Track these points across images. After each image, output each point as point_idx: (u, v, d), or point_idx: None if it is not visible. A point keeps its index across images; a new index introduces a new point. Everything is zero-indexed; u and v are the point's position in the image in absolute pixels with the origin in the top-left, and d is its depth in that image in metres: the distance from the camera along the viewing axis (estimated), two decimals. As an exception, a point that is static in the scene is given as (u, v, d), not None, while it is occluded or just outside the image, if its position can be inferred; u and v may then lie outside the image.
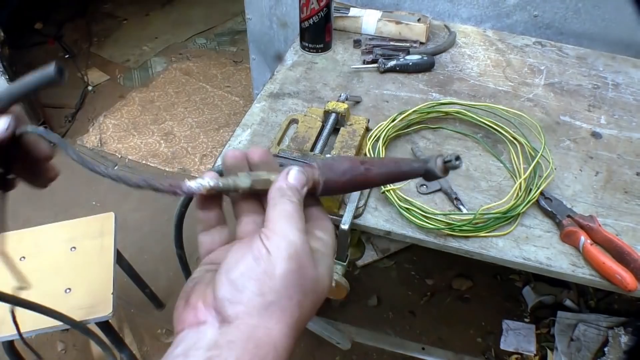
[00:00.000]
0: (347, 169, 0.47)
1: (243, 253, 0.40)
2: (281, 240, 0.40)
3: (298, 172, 0.45)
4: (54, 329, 1.40)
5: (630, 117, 1.21)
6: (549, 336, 1.82)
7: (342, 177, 0.47)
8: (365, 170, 0.47)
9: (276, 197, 0.43)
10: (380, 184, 0.51)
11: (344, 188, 0.48)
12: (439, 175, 0.46)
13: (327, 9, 1.29)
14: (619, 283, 0.85)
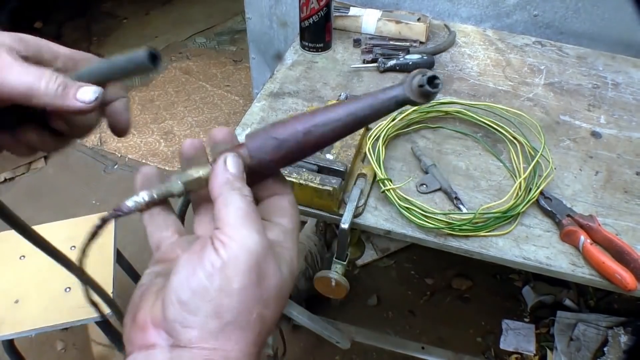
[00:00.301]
0: (281, 142, 0.40)
1: (194, 267, 0.35)
2: (239, 249, 0.34)
3: (234, 157, 0.40)
4: (53, 328, 1.40)
5: (630, 116, 1.21)
6: (548, 336, 1.82)
7: (278, 153, 0.40)
8: (305, 134, 0.39)
9: (224, 192, 0.38)
10: (334, 142, 0.44)
11: (286, 161, 0.41)
12: (417, 101, 0.37)
13: (327, 8, 1.29)
14: (618, 283, 0.85)
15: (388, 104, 0.38)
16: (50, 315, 1.38)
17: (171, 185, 0.42)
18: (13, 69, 0.40)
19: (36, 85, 0.40)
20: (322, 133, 0.39)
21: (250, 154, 0.41)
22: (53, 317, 1.38)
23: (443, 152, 1.09)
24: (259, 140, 0.41)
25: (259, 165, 0.41)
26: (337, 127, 0.39)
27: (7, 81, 0.39)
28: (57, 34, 3.44)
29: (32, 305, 1.40)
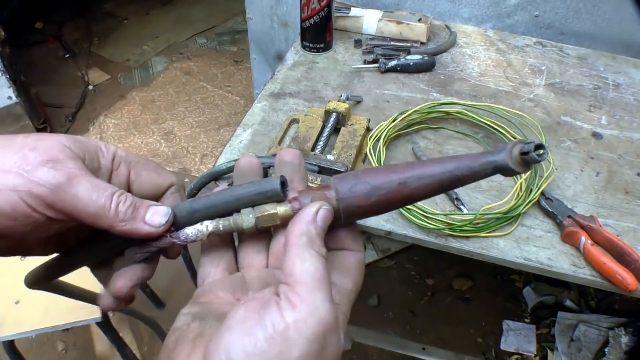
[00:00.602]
0: (373, 189, 0.38)
1: (251, 326, 0.31)
2: (309, 314, 0.31)
3: (327, 212, 0.37)
4: (54, 329, 1.40)
5: (631, 117, 1.21)
6: (549, 336, 1.82)
7: (367, 200, 0.38)
8: (400, 185, 0.37)
9: (302, 246, 0.34)
10: (425, 198, 0.39)
11: (372, 211, 0.39)
12: (518, 171, 0.36)
13: (327, 8, 1.29)
14: (619, 283, 0.85)
15: (486, 169, 0.37)
16: (50, 316, 1.38)
17: (242, 219, 0.39)
18: (82, 185, 0.36)
19: (107, 205, 0.37)
20: (417, 187, 0.37)
21: (338, 196, 0.38)
22: (54, 317, 1.38)
23: (444, 152, 1.09)
24: (349, 183, 0.38)
25: (343, 211, 0.38)
26: (432, 183, 0.37)
27: (78, 198, 0.36)
28: (57, 34, 3.44)
29: (32, 305, 1.40)
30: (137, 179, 0.42)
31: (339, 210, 0.38)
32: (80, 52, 3.35)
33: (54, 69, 3.18)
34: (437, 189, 0.38)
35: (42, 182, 0.35)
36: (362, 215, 0.39)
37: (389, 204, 0.38)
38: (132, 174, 0.42)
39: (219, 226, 0.39)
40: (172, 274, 2.04)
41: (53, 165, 0.36)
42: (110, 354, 1.85)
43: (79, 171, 0.37)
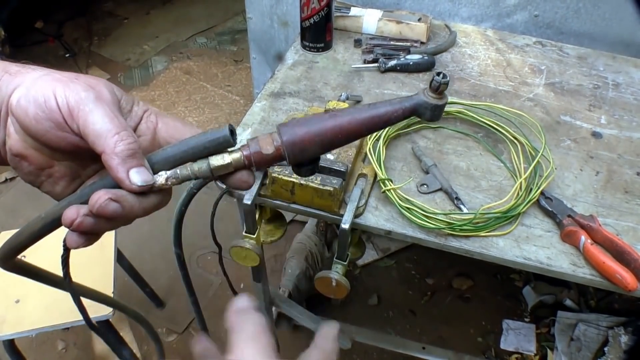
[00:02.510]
0: (309, 122, 0.43)
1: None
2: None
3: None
4: (54, 328, 1.40)
5: (631, 117, 1.21)
6: (549, 336, 1.82)
7: (306, 132, 0.42)
8: (331, 117, 0.43)
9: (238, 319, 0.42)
10: (360, 132, 0.44)
11: (314, 142, 0.43)
12: (434, 103, 0.42)
13: (327, 8, 1.29)
14: (619, 283, 0.85)
15: (404, 105, 0.42)
16: (50, 315, 1.38)
17: (197, 166, 0.42)
18: (103, 108, 0.40)
19: (111, 134, 0.39)
20: (347, 119, 0.42)
21: (281, 135, 0.42)
22: (54, 316, 1.38)
23: (444, 152, 1.09)
24: (290, 124, 0.43)
25: (286, 147, 0.42)
26: (360, 116, 0.42)
27: (92, 114, 0.40)
28: (57, 33, 3.44)
29: (32, 305, 1.40)
30: (163, 127, 0.45)
31: (283, 146, 0.42)
32: (81, 51, 3.35)
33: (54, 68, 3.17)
34: (366, 120, 0.42)
35: (75, 90, 0.40)
36: (307, 147, 0.42)
37: (326, 134, 0.42)
38: (160, 123, 0.45)
39: (176, 171, 0.42)
40: (172, 274, 2.04)
41: (91, 86, 0.41)
42: (110, 353, 1.85)
43: (108, 99, 0.41)
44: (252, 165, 0.44)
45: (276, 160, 0.43)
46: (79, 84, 0.41)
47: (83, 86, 0.41)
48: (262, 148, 0.43)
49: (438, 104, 0.42)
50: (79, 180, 0.47)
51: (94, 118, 0.39)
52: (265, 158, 0.43)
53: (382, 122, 0.43)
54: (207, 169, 0.42)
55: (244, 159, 0.43)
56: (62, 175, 0.46)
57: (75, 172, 0.46)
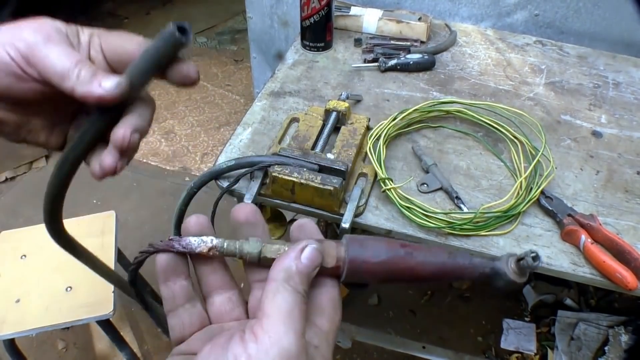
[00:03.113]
0: (381, 249, 0.39)
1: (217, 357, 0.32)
2: (272, 345, 0.31)
3: (313, 250, 0.36)
4: (54, 328, 1.40)
5: (631, 116, 1.21)
6: (549, 335, 1.82)
7: (374, 258, 0.39)
8: (406, 254, 0.39)
9: (278, 281, 0.34)
10: (426, 278, 0.40)
11: (376, 274, 0.39)
12: (512, 279, 0.39)
13: (328, 7, 1.29)
14: (619, 282, 0.85)
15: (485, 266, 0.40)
16: (51, 315, 1.38)
17: (249, 245, 0.39)
18: (55, 47, 0.40)
19: (72, 69, 0.40)
20: (421, 261, 0.39)
21: (348, 249, 0.39)
22: (54, 316, 1.38)
23: (444, 151, 1.09)
24: (360, 241, 0.39)
25: (348, 265, 0.39)
26: (435, 262, 0.40)
27: (49, 58, 0.40)
28: (58, 34, 3.44)
29: (33, 304, 1.40)
30: (107, 47, 0.44)
31: (344, 263, 0.38)
32: (81, 51, 3.35)
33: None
34: (436, 271, 0.40)
35: (23, 38, 0.41)
36: (366, 274, 0.39)
37: (392, 270, 0.39)
38: (104, 44, 0.44)
39: (223, 244, 0.39)
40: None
41: (38, 28, 0.42)
42: (110, 353, 1.85)
43: (57, 38, 0.41)
44: None
45: (330, 273, 0.39)
46: (24, 30, 0.41)
47: (29, 32, 0.41)
48: (322, 258, 0.39)
49: (516, 281, 0.39)
50: (60, 128, 0.47)
51: (51, 60, 0.40)
52: (321, 269, 0.38)
53: (453, 276, 0.41)
54: (256, 256, 0.39)
55: None
56: (42, 127, 0.46)
57: (53, 120, 0.47)
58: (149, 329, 1.93)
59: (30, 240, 1.54)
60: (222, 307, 0.41)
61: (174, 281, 0.40)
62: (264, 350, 0.31)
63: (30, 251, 1.51)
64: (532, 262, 0.38)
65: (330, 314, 0.38)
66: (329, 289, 0.39)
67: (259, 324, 0.32)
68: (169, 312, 0.41)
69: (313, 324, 0.37)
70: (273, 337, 0.31)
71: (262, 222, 0.42)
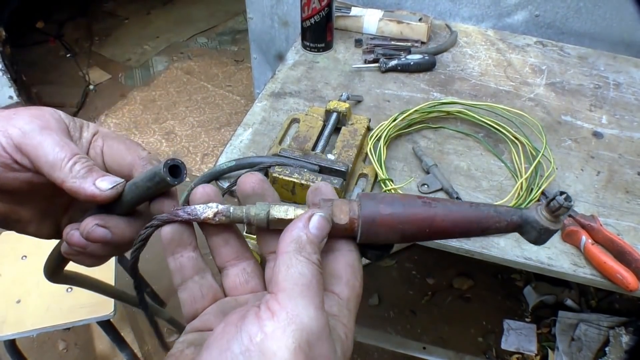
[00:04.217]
0: (397, 202, 0.36)
1: (228, 340, 0.30)
2: (290, 322, 0.29)
3: (321, 218, 0.35)
4: (55, 328, 1.40)
5: (632, 116, 1.21)
6: (550, 336, 1.82)
7: (390, 210, 0.36)
8: (424, 204, 0.36)
9: (290, 253, 0.33)
10: (448, 231, 0.37)
11: (394, 227, 0.36)
12: (545, 226, 0.36)
13: (328, 8, 1.29)
14: (620, 283, 0.85)
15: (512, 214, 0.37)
16: (51, 315, 1.38)
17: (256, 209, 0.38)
18: (50, 137, 0.38)
19: (65, 162, 0.38)
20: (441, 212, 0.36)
21: (362, 207, 0.36)
22: (55, 317, 1.38)
23: (444, 152, 1.09)
24: (375, 198, 0.37)
25: (362, 223, 0.36)
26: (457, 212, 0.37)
27: (42, 146, 0.38)
28: (58, 33, 3.44)
29: (33, 305, 1.40)
30: (107, 150, 0.43)
31: (358, 219, 0.36)
32: (81, 51, 3.35)
33: (54, 69, 3.18)
34: (461, 218, 0.37)
35: (17, 126, 0.38)
36: (383, 228, 0.37)
37: (411, 221, 0.36)
38: (105, 147, 0.43)
39: (229, 209, 0.38)
40: (173, 274, 2.04)
41: (35, 118, 0.39)
42: (111, 353, 1.85)
43: (55, 127, 0.39)
44: None
45: (345, 232, 0.37)
46: (20, 117, 0.39)
47: (25, 119, 0.39)
48: (334, 215, 0.37)
49: (550, 227, 0.36)
50: (51, 219, 0.45)
51: (44, 149, 0.38)
52: (334, 227, 0.36)
53: (479, 229, 0.37)
54: (263, 218, 0.37)
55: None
56: (31, 217, 0.44)
57: (44, 211, 0.45)
58: (150, 330, 1.93)
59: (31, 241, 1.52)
60: (237, 278, 0.40)
61: (181, 253, 0.39)
62: (281, 328, 0.29)
63: (31, 252, 1.51)
64: (563, 201, 0.34)
65: (349, 280, 0.36)
66: (345, 253, 0.37)
67: (275, 299, 0.30)
68: (179, 286, 0.40)
69: (330, 292, 0.35)
70: (291, 312, 0.29)
71: (270, 190, 0.40)
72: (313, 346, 0.29)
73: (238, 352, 0.29)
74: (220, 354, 0.29)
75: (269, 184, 0.40)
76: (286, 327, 0.29)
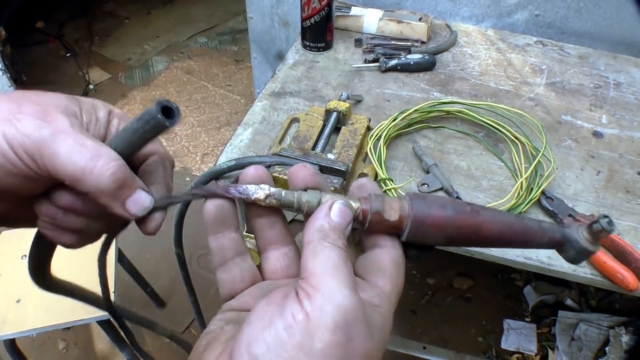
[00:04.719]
0: (447, 205, 0.37)
1: (271, 317, 0.30)
2: (326, 302, 0.29)
3: (342, 206, 0.35)
4: (55, 328, 1.40)
5: (632, 116, 1.21)
6: (550, 335, 1.82)
7: (440, 212, 0.36)
8: (472, 211, 0.37)
9: (315, 241, 0.33)
10: (493, 238, 0.37)
11: (442, 229, 0.36)
12: (585, 246, 0.36)
13: (328, 8, 1.29)
14: (620, 282, 0.85)
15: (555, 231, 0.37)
16: (51, 315, 1.38)
17: (308, 196, 0.37)
18: (65, 143, 0.34)
19: (88, 173, 0.34)
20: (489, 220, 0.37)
21: (412, 206, 0.36)
22: (55, 316, 1.38)
23: (444, 151, 1.09)
24: (426, 199, 0.37)
25: (412, 222, 0.36)
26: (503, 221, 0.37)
27: (59, 157, 0.34)
28: (58, 33, 3.44)
29: (33, 304, 1.40)
30: None
31: (408, 217, 0.36)
32: (81, 51, 3.35)
33: (55, 69, 3.18)
34: (505, 233, 0.37)
35: (27, 133, 0.34)
36: (431, 228, 0.37)
37: (458, 226, 0.37)
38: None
39: (281, 192, 0.37)
40: (173, 273, 2.04)
41: (43, 117, 0.35)
42: (111, 353, 1.85)
43: (68, 127, 0.35)
44: (364, 223, 0.37)
45: (392, 230, 0.37)
46: (27, 120, 0.34)
47: (33, 122, 0.34)
48: (384, 211, 0.37)
49: (588, 249, 0.36)
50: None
51: (62, 159, 0.34)
52: (383, 223, 0.37)
53: (522, 242, 0.38)
54: (315, 206, 0.37)
55: (360, 212, 0.37)
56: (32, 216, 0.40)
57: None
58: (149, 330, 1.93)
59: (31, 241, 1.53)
60: (278, 262, 0.40)
61: (223, 233, 0.39)
62: (319, 308, 0.29)
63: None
64: (606, 225, 0.35)
65: (393, 275, 0.36)
66: (390, 249, 0.37)
67: (307, 282, 0.31)
68: (219, 266, 0.39)
69: (374, 284, 0.35)
70: (326, 293, 0.30)
71: (323, 184, 0.39)
72: (350, 326, 0.29)
73: (281, 327, 0.29)
74: (264, 329, 0.30)
75: (320, 177, 0.40)
76: (324, 307, 0.29)
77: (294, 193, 0.37)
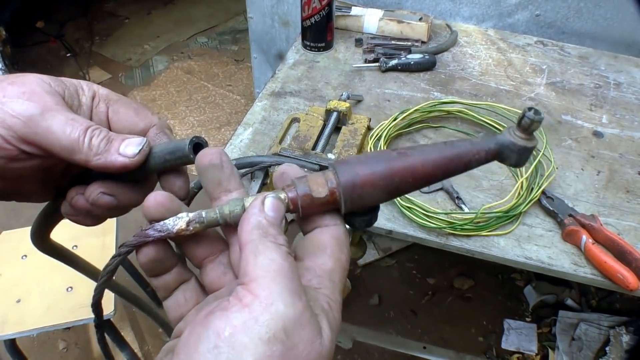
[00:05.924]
0: (372, 160, 0.35)
1: (194, 342, 0.28)
2: (263, 311, 0.27)
3: (274, 200, 0.33)
4: (55, 328, 1.40)
5: (632, 116, 1.21)
6: (550, 335, 1.82)
7: (368, 170, 0.34)
8: (400, 155, 0.35)
9: (255, 240, 0.31)
10: (431, 175, 0.36)
11: (377, 186, 0.35)
12: (522, 145, 0.35)
13: (328, 7, 1.29)
14: (620, 282, 0.85)
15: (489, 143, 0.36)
16: (52, 315, 1.38)
17: (227, 208, 0.35)
18: (56, 118, 0.35)
19: (81, 141, 0.36)
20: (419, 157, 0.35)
21: (339, 175, 0.35)
22: (55, 316, 1.38)
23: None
24: (350, 162, 0.35)
25: (344, 190, 0.34)
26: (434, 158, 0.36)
27: (51, 132, 0.35)
28: (58, 33, 3.44)
29: (34, 304, 1.40)
30: (114, 117, 0.40)
31: (338, 187, 0.35)
32: (82, 51, 3.35)
33: (55, 68, 3.18)
34: (440, 160, 0.35)
35: (15, 113, 0.34)
36: (366, 189, 0.35)
37: (392, 175, 0.35)
38: (110, 112, 0.40)
39: (201, 214, 0.35)
40: (173, 273, 2.04)
41: (29, 97, 0.35)
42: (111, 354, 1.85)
43: (54, 105, 0.36)
44: (297, 211, 0.35)
45: (328, 206, 0.35)
46: (13, 102, 0.35)
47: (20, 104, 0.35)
48: (312, 190, 0.35)
49: (527, 146, 0.35)
50: (51, 185, 0.44)
51: (55, 135, 0.35)
52: (315, 202, 0.35)
53: (461, 165, 0.36)
54: (240, 213, 0.34)
55: (288, 202, 0.35)
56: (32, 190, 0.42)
57: (44, 181, 0.43)
58: (150, 329, 1.93)
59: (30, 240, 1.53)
60: (213, 273, 0.38)
61: (166, 274, 0.38)
62: (252, 319, 0.27)
63: (31, 251, 1.51)
64: (534, 116, 0.34)
65: (334, 252, 0.34)
66: (330, 226, 0.36)
67: (246, 289, 0.29)
68: (164, 298, 0.38)
69: (312, 265, 0.34)
70: (265, 301, 0.28)
71: (228, 164, 0.37)
72: (291, 333, 0.28)
73: (205, 351, 0.27)
74: (187, 357, 0.28)
75: (227, 157, 0.38)
76: (259, 317, 0.27)
77: (215, 209, 0.35)
